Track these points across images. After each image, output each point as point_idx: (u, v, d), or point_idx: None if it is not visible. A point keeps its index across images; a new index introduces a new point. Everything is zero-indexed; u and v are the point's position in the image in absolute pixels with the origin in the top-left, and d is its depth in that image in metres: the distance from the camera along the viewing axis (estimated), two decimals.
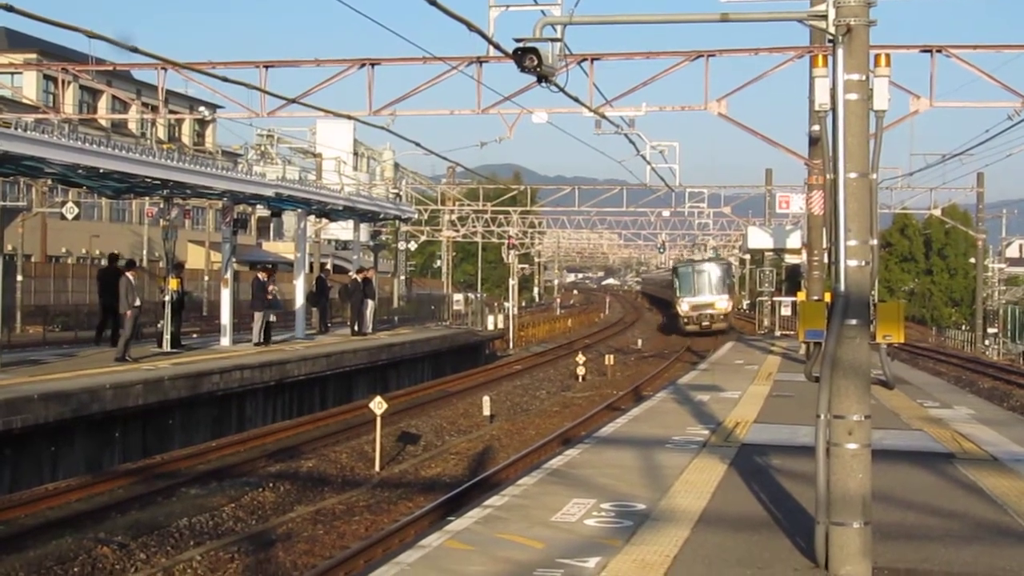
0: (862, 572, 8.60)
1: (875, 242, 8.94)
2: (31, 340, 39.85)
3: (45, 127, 26.31)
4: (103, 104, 67.77)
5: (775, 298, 54.36)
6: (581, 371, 39.29)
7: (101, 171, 23.92)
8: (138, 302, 24.72)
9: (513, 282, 63.00)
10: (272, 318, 31.82)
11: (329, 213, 38.53)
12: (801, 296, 32.23)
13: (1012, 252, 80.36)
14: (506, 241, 68.80)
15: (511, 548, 9.47)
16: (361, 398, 28.47)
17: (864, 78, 8.84)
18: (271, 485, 18.58)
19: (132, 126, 69.72)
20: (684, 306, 64.94)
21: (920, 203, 67.37)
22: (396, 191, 69.04)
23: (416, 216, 62.08)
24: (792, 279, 52.94)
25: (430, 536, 10.03)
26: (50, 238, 63.39)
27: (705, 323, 63.21)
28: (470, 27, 14.30)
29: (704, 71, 26.54)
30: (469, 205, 74.61)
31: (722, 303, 64.45)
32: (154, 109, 51.58)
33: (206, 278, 65.23)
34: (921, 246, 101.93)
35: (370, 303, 37.49)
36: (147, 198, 46.79)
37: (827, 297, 17.28)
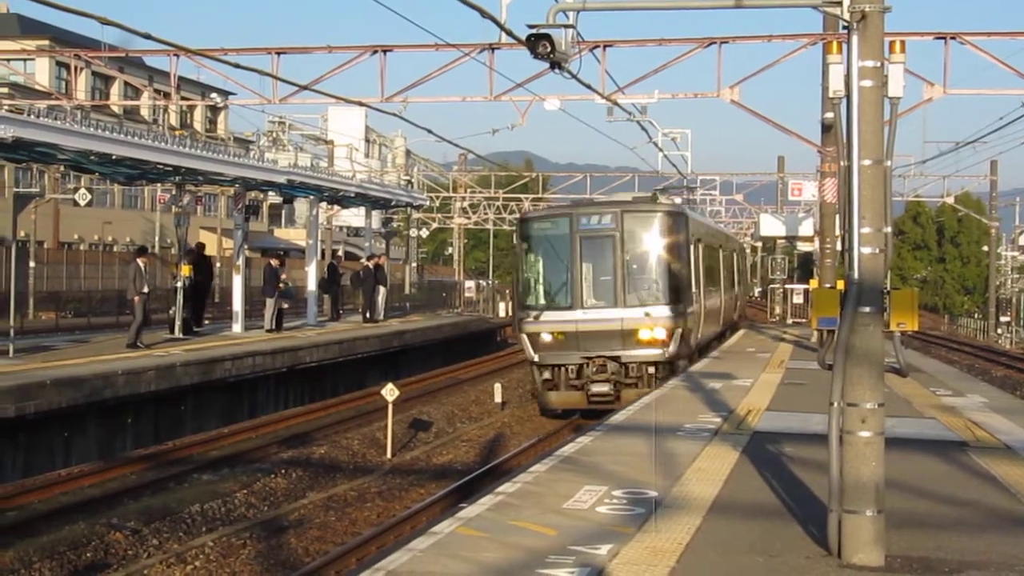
0: (875, 560, 8.59)
1: (889, 230, 8.91)
2: (44, 326, 39.97)
3: (58, 113, 26.35)
4: (115, 91, 67.80)
5: (787, 286, 54.23)
6: None
7: (114, 157, 23.95)
8: (146, 288, 24.74)
9: None
10: (284, 305, 31.88)
11: (341, 200, 38.53)
12: (814, 284, 32.15)
13: None
14: None
15: (523, 535, 9.46)
16: (373, 385, 28.49)
17: (879, 65, 8.80)
18: (283, 471, 18.62)
19: (144, 112, 69.75)
20: (545, 336, 25.25)
21: (933, 191, 67.24)
22: (408, 178, 69.02)
23: (428, 203, 62.00)
24: (804, 267, 52.72)
25: (442, 523, 10.03)
26: (63, 224, 63.53)
27: (599, 388, 24.90)
28: (483, 13, 14.27)
29: (717, 58, 26.44)
30: (481, 192, 74.52)
31: (657, 330, 24.91)
32: (166, 96, 51.56)
33: (218, 265, 65.33)
34: (934, 234, 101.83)
35: (381, 290, 37.51)
36: (159, 185, 46.80)
37: (840, 285, 17.22)
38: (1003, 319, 64.94)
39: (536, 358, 25.32)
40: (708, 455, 13.45)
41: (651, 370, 24.90)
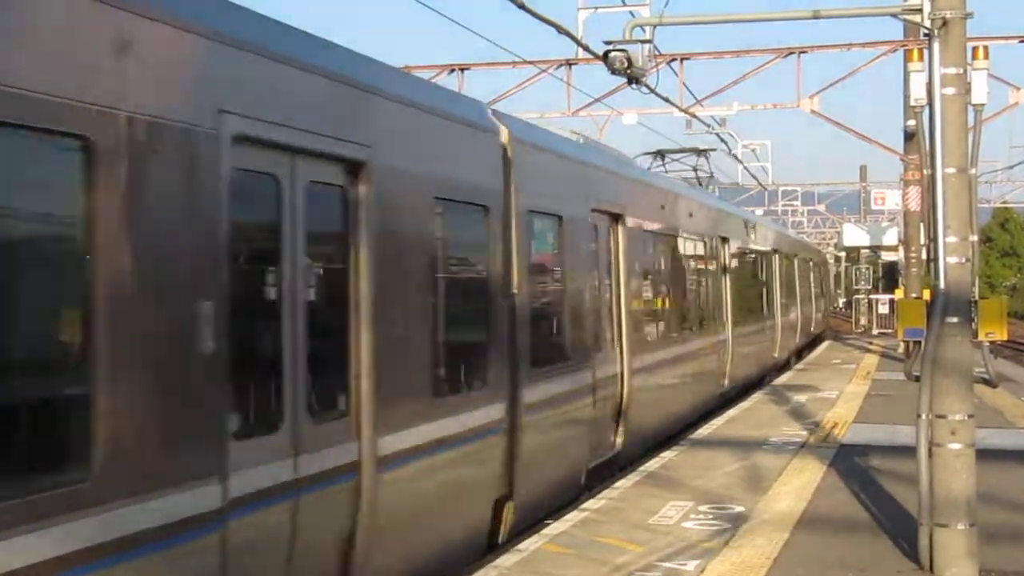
0: (968, 574, 8.45)
1: (975, 238, 8.81)
2: None
3: None
4: None
5: (872, 296, 53.54)
6: None
7: None
8: None
9: None
10: None
11: None
12: (899, 294, 31.77)
13: None
14: None
15: (609, 551, 9.45)
16: None
17: (961, 72, 8.70)
18: None
19: None
20: None
21: (1021, 196, 65.88)
22: None
23: None
24: (889, 276, 52.02)
25: (528, 540, 10.05)
26: None
27: None
28: (559, 30, 14.30)
29: (796, 68, 26.25)
30: None
31: None
32: None
33: None
34: (1023, 240, 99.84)
35: None
36: None
37: (926, 295, 17.01)
38: None
39: None
40: (794, 468, 13.34)
41: None
